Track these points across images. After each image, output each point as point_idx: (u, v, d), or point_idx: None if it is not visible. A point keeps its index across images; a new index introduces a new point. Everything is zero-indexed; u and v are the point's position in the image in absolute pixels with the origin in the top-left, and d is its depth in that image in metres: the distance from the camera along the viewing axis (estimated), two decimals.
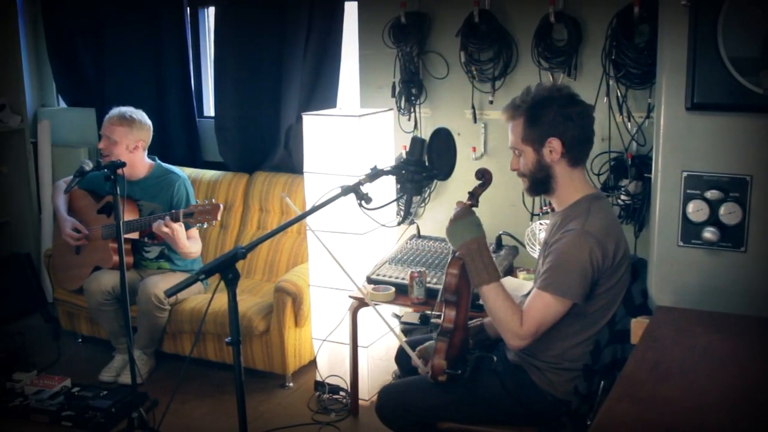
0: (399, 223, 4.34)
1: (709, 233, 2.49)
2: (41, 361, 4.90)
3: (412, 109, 4.50)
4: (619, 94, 3.95)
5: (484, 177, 2.97)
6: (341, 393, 4.33)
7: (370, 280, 3.98)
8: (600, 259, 2.74)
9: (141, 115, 4.65)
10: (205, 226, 4.31)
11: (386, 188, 4.15)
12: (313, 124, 4.21)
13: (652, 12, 3.60)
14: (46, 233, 5.85)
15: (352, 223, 4.09)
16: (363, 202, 2.80)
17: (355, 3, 4.70)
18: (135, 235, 4.56)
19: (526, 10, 4.16)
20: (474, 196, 2.96)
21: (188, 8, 5.50)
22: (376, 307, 3.12)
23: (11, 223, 6.09)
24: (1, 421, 4.21)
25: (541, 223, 3.96)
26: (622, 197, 3.95)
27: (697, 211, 2.51)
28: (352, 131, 4.07)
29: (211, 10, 5.55)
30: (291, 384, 4.54)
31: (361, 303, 3.95)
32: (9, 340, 5.17)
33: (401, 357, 3.32)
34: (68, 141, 6.13)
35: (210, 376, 4.66)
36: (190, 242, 4.49)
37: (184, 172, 5.22)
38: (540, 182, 2.89)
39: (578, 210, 2.84)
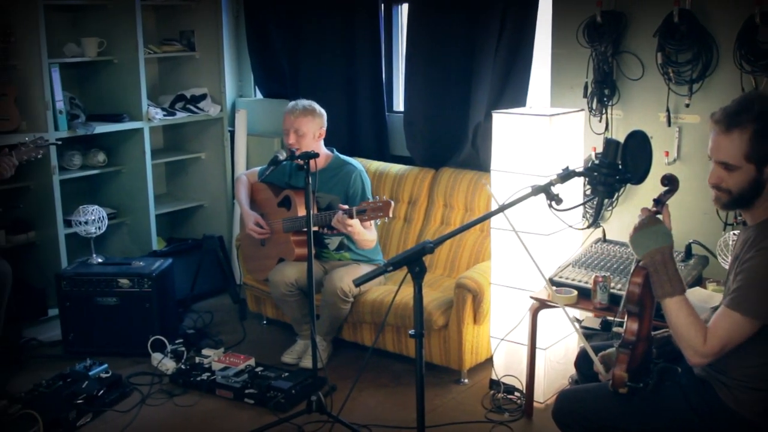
0: (588, 226, 4.26)
1: None
2: (227, 340, 5.14)
3: (604, 111, 4.41)
4: None
5: (672, 183, 2.85)
6: (516, 393, 4.31)
7: (552, 282, 3.93)
8: None
9: (316, 104, 4.79)
10: (378, 223, 4.36)
11: (573, 190, 4.10)
12: (503, 123, 4.19)
13: None
14: (238, 218, 6.09)
15: (537, 224, 4.05)
16: (553, 203, 2.76)
17: (550, 1, 4.64)
18: (314, 228, 4.66)
19: (729, 11, 3.98)
20: (660, 203, 2.82)
21: (382, 4, 5.60)
22: (565, 309, 3.08)
23: (206, 206, 6.42)
24: (190, 393, 4.45)
25: (734, 233, 3.80)
26: None
27: None
28: (542, 131, 4.03)
29: (405, 6, 5.63)
30: (466, 380, 4.55)
31: (542, 304, 3.91)
32: (198, 318, 5.46)
33: (582, 362, 3.26)
34: (263, 131, 6.37)
35: (387, 367, 4.74)
36: (365, 231, 4.56)
37: (371, 165, 5.32)
38: (744, 200, 2.69)
39: None
